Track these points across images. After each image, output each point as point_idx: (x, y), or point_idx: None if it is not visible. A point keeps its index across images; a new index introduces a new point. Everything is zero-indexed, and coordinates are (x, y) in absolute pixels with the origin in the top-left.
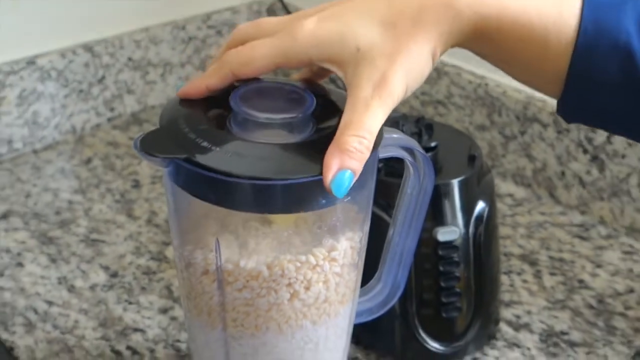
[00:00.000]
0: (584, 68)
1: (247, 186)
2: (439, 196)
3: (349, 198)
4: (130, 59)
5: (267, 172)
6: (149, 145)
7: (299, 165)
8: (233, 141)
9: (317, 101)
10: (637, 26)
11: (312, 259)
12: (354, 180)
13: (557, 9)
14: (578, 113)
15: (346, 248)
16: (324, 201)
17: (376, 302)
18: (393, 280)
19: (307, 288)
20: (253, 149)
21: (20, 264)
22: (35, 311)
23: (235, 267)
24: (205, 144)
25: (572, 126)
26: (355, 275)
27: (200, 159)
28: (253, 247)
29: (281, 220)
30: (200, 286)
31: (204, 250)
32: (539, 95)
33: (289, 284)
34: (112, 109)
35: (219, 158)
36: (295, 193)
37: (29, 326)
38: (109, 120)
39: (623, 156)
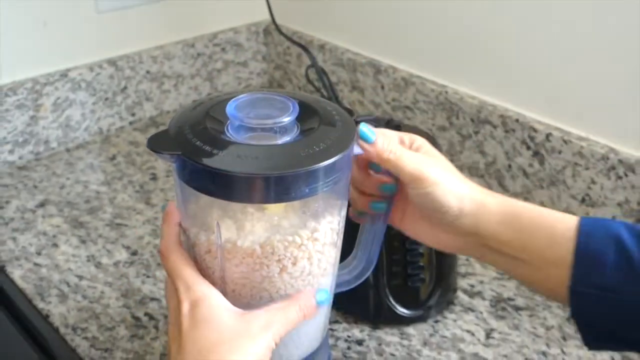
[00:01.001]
0: (587, 249)
1: (243, 180)
2: None
3: (329, 189)
4: (148, 72)
5: (260, 169)
6: (154, 144)
7: (286, 161)
8: (230, 144)
9: (300, 107)
10: (623, 224)
11: (297, 239)
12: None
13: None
14: (588, 301)
15: (327, 230)
16: (307, 190)
17: (353, 275)
18: (367, 257)
19: (293, 263)
20: (247, 150)
21: (55, 245)
22: (68, 284)
23: (233, 246)
24: (205, 146)
25: (517, 126)
26: (335, 253)
27: (201, 158)
28: (249, 229)
29: (273, 206)
30: (204, 263)
31: (207, 233)
32: (490, 100)
33: (279, 260)
34: (133, 114)
35: (218, 158)
36: (283, 185)
37: (62, 297)
38: (131, 123)
39: (560, 152)
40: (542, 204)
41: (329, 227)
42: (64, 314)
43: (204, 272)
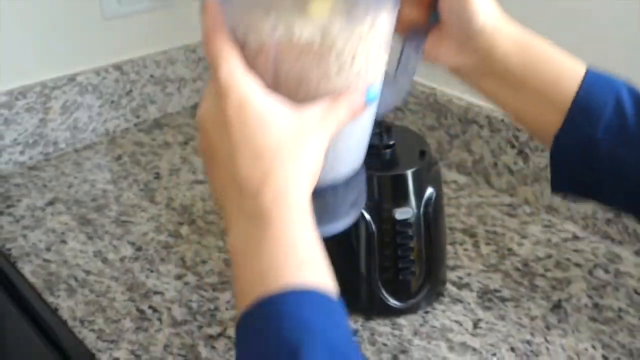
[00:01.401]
0: (586, 102)
1: None
2: (396, 184)
3: None
4: (152, 75)
5: None
6: None
7: None
8: None
9: None
10: (626, 87)
11: (357, 30)
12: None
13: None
14: (571, 149)
15: (382, 27)
16: None
17: (395, 96)
18: (407, 78)
19: (352, 60)
20: None
21: (63, 241)
22: (76, 279)
23: (289, 42)
24: None
25: (502, 126)
26: (385, 59)
27: None
28: (304, 22)
29: (320, 6)
30: (255, 69)
31: (259, 30)
32: (477, 102)
33: (337, 56)
34: (138, 116)
35: None
36: None
37: (70, 291)
38: (136, 125)
39: (542, 150)
40: (526, 199)
41: (385, 25)
42: (72, 307)
43: (253, 76)
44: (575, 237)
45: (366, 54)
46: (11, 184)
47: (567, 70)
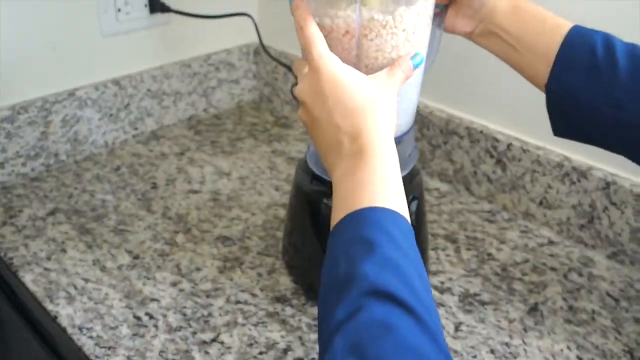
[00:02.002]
0: (566, 55)
1: None
2: None
3: None
4: (149, 89)
5: None
6: None
7: None
8: None
9: None
10: (602, 38)
11: (416, 7)
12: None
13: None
14: (559, 96)
15: (430, 4)
16: None
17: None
18: (431, 52)
19: (413, 32)
20: None
21: (63, 250)
22: (75, 287)
23: (370, 20)
24: None
25: (481, 137)
26: (428, 30)
27: None
28: (379, 5)
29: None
30: (340, 46)
31: (344, 15)
32: (457, 114)
33: (404, 30)
34: (135, 128)
35: None
36: None
37: (70, 299)
38: (134, 136)
39: (519, 160)
40: (504, 206)
41: (430, 6)
42: (71, 315)
43: (341, 55)
44: (551, 242)
45: (420, 27)
46: (14, 194)
47: (555, 28)
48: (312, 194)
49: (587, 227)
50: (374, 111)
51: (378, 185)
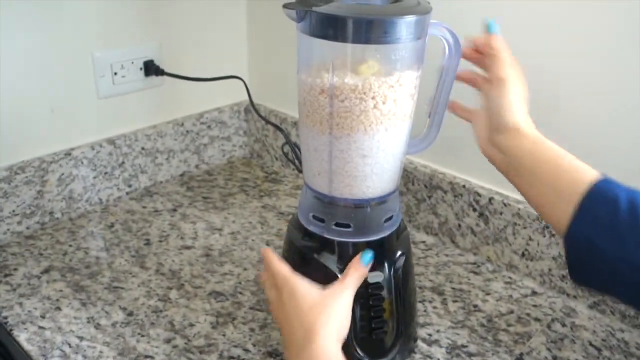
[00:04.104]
0: (601, 194)
1: (354, 21)
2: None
3: (412, 39)
4: (143, 148)
5: (364, 14)
6: (289, 5)
7: (382, 11)
8: (341, 4)
9: None
10: (625, 194)
11: (389, 80)
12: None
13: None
14: (576, 247)
15: (408, 80)
16: (395, 37)
17: (426, 142)
18: (437, 126)
19: (383, 102)
20: (355, 7)
21: (58, 308)
22: (69, 345)
23: (342, 84)
24: (321, 3)
25: (464, 191)
26: (412, 104)
27: (322, 9)
28: (352, 75)
29: (366, 68)
30: (316, 103)
31: (322, 78)
32: (440, 169)
33: (373, 97)
34: (129, 185)
35: (332, 7)
36: (382, 28)
37: (64, 357)
38: (127, 193)
39: (501, 213)
40: (488, 259)
41: (410, 79)
42: None
43: (316, 111)
44: (534, 293)
45: (393, 99)
46: (8, 253)
47: (576, 174)
48: (304, 249)
49: (568, 277)
50: (324, 320)
51: None
